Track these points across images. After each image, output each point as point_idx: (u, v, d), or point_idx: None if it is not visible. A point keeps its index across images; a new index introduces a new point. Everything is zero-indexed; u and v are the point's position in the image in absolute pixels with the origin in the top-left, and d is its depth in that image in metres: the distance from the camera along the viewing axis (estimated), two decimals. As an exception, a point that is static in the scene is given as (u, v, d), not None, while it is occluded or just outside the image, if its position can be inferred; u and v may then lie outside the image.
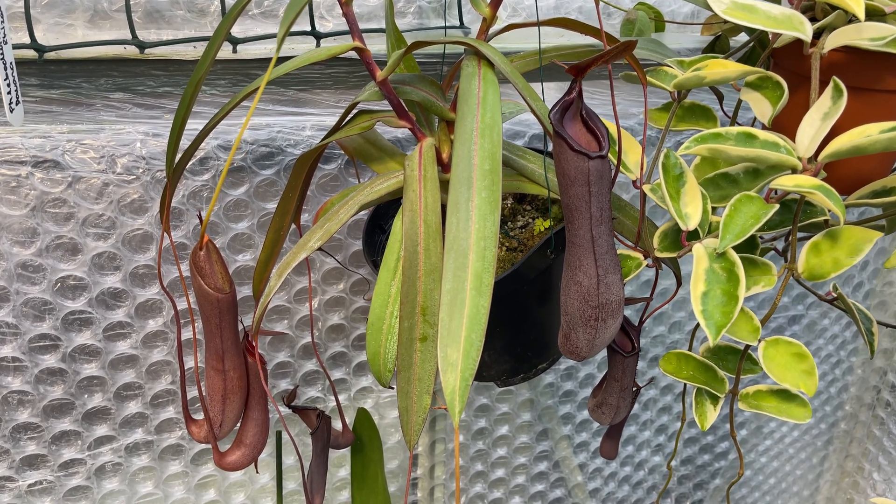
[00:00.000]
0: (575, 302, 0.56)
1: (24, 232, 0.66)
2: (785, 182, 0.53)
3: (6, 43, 0.55)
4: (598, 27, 0.56)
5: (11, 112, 0.56)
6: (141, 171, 0.68)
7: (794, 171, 0.55)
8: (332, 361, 0.88)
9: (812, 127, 0.55)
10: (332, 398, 0.90)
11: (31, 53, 0.60)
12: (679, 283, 0.66)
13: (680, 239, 0.57)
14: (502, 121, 0.70)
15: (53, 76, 0.64)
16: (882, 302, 1.28)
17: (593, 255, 0.54)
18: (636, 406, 1.14)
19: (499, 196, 0.50)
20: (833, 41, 0.55)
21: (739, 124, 0.77)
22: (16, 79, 0.55)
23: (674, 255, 0.60)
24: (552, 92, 0.84)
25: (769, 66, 0.68)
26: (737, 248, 0.55)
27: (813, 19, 0.61)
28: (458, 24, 0.75)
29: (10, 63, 0.55)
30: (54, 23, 0.62)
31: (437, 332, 0.55)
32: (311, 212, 0.79)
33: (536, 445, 1.07)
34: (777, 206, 0.53)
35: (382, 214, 0.77)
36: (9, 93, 0.55)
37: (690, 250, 0.55)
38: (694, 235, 0.56)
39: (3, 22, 0.54)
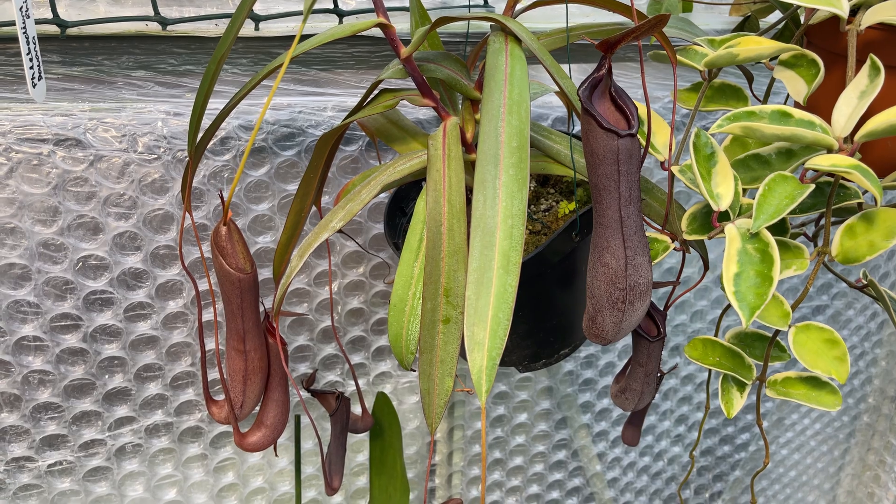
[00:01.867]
0: (602, 284, 0.55)
1: (45, 210, 0.66)
2: (821, 162, 0.52)
3: (28, 17, 0.54)
4: (629, 3, 0.55)
5: (34, 87, 0.55)
6: (162, 150, 0.68)
7: (830, 150, 0.54)
8: (352, 345, 0.88)
9: (848, 106, 0.54)
10: (352, 382, 0.90)
11: (53, 29, 0.59)
12: (706, 267, 0.65)
13: (710, 220, 0.56)
14: (529, 92, 0.69)
15: (75, 53, 0.64)
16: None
17: (622, 236, 0.53)
18: (655, 396, 1.12)
19: (527, 174, 0.49)
20: (870, 18, 0.54)
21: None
22: (38, 54, 0.55)
23: (703, 237, 0.58)
24: (577, 75, 0.83)
25: (803, 44, 0.66)
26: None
27: (850, -4, 0.59)
28: (481, 2, 0.74)
29: (33, 37, 0.54)
30: (76, -1, 0.62)
31: (460, 314, 0.54)
32: (331, 194, 0.79)
33: (555, 434, 1.07)
34: (812, 187, 0.52)
35: (403, 197, 0.77)
36: (31, 68, 0.55)
37: (722, 231, 0.54)
38: (724, 217, 0.55)
39: (25, -4, 0.53)
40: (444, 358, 0.56)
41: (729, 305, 0.57)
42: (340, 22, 0.70)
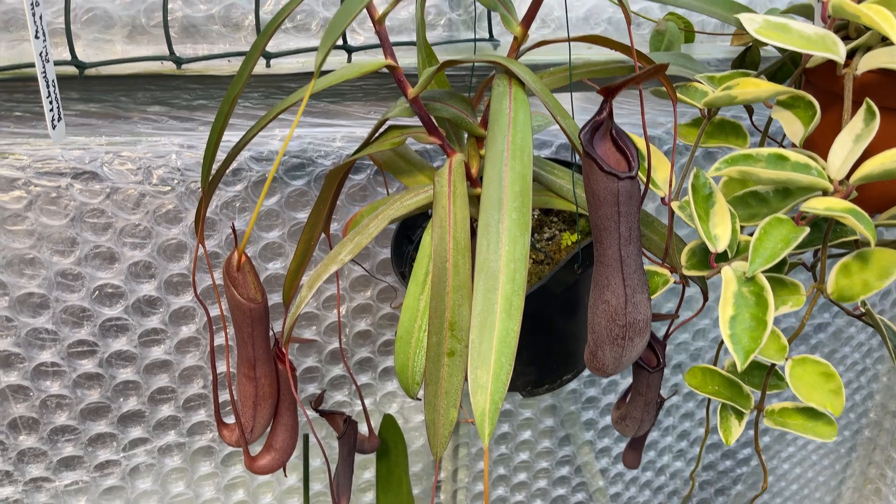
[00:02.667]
0: (602, 321, 0.57)
1: (63, 241, 0.68)
2: (816, 205, 0.53)
3: (48, 61, 0.56)
4: (629, 44, 0.57)
5: (54, 129, 0.57)
6: (176, 182, 0.70)
7: (826, 192, 0.55)
8: (359, 366, 0.89)
9: (844, 149, 0.55)
10: (359, 402, 0.92)
11: (72, 70, 0.61)
12: (706, 298, 0.66)
13: (708, 259, 0.58)
14: (532, 134, 0.71)
15: (94, 90, 0.66)
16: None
17: (621, 274, 0.55)
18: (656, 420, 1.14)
19: (528, 218, 0.51)
20: (867, 63, 0.55)
21: (771, 139, 0.76)
22: (58, 96, 0.57)
23: (702, 273, 0.60)
24: (579, 102, 0.85)
25: (801, 82, 0.67)
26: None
27: (846, 38, 0.60)
28: (487, 36, 0.75)
29: (53, 80, 0.56)
30: (94, 38, 0.64)
31: (464, 348, 0.56)
32: (340, 221, 0.80)
33: (558, 450, 1.08)
34: (807, 230, 0.54)
35: (410, 225, 0.78)
36: (51, 110, 0.57)
37: (719, 272, 0.56)
38: (723, 256, 0.56)
39: (45, 41, 0.55)
40: (448, 389, 0.57)
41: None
42: (349, 58, 0.71)
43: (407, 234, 0.78)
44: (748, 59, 0.83)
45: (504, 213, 0.50)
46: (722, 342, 0.74)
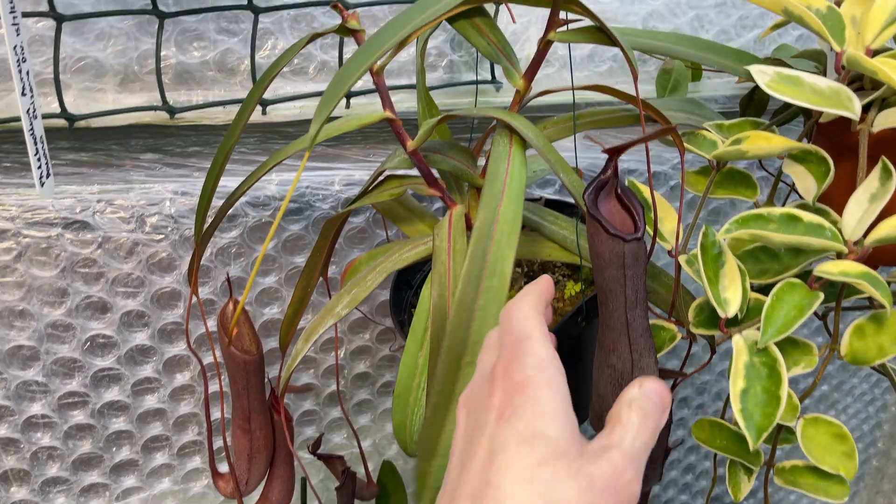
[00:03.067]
0: (608, 385, 0.55)
1: (54, 292, 0.67)
2: (830, 269, 0.51)
3: (36, 117, 0.54)
4: (635, 94, 0.55)
5: (42, 185, 0.56)
6: (169, 229, 0.68)
7: (840, 254, 0.53)
8: (358, 408, 0.88)
9: (859, 208, 0.53)
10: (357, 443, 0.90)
11: (61, 122, 0.60)
12: (712, 354, 0.64)
13: (717, 321, 0.56)
14: (533, 179, 0.69)
15: (84, 139, 0.64)
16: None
17: (628, 338, 0.53)
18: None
19: (505, 291, 0.48)
20: (883, 122, 0.53)
21: (785, 182, 0.74)
22: (46, 152, 0.55)
23: (711, 333, 0.58)
24: (582, 140, 0.83)
25: (812, 133, 0.65)
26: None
27: (861, 89, 0.58)
28: (489, 78, 0.74)
29: (41, 136, 0.55)
30: (84, 87, 0.62)
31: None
32: (339, 264, 0.79)
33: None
34: (822, 297, 0.51)
35: (410, 269, 0.77)
36: (39, 167, 0.55)
37: (729, 337, 0.54)
38: (732, 322, 0.54)
39: (32, 97, 0.54)
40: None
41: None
42: (348, 103, 0.70)
43: (406, 279, 0.76)
44: (756, 97, 0.81)
45: (481, 290, 0.48)
46: (728, 396, 0.72)
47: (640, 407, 0.40)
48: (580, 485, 0.34)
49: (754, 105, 0.82)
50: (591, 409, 0.58)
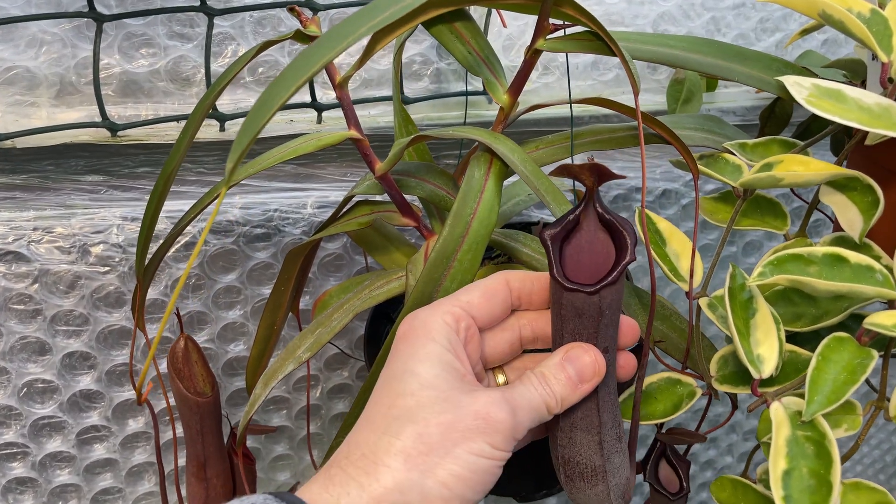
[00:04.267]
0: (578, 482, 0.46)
1: (-17, 333, 0.59)
2: (883, 321, 0.43)
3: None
4: (636, 109, 0.46)
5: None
6: (117, 260, 0.60)
7: (892, 302, 0.45)
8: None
9: (914, 248, 0.45)
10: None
11: (-17, 141, 0.52)
12: (735, 407, 0.56)
13: (750, 379, 0.47)
14: (520, 207, 0.61)
15: (16, 160, 0.56)
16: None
17: (599, 438, 0.44)
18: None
19: None
20: (944, 145, 0.45)
21: (822, 212, 0.65)
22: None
23: (741, 391, 0.50)
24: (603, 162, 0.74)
25: (848, 155, 0.57)
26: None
27: (911, 105, 0.50)
28: (481, 89, 0.65)
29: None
30: (14, 101, 0.54)
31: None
32: (313, 294, 0.70)
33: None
34: (876, 355, 0.43)
35: (391, 300, 0.68)
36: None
37: (765, 402, 0.45)
38: (767, 383, 0.46)
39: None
40: None
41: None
42: (319, 117, 0.61)
43: (386, 312, 0.68)
44: (778, 110, 0.73)
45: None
46: (754, 450, 0.63)
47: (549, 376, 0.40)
48: (442, 408, 0.35)
49: (776, 118, 0.74)
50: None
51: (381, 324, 0.67)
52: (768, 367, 0.45)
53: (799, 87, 0.48)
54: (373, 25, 0.35)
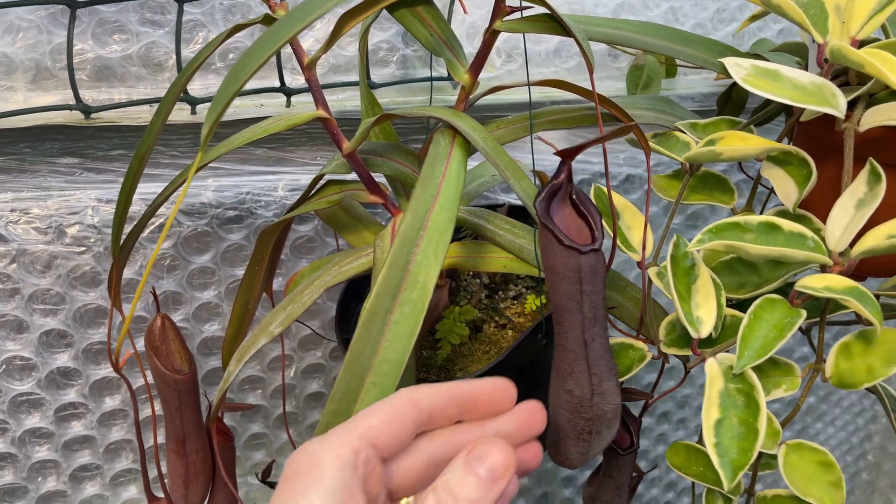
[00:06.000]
0: (566, 413, 0.49)
1: (-38, 311, 0.60)
2: (813, 284, 0.46)
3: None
4: (592, 89, 0.49)
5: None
6: (92, 240, 0.62)
7: (824, 266, 0.48)
8: (312, 429, 0.82)
9: (845, 216, 0.48)
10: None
11: (-41, 123, 0.54)
12: (686, 373, 0.59)
13: (691, 344, 0.50)
14: (487, 185, 0.63)
15: (-9, 142, 0.58)
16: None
17: (586, 360, 0.47)
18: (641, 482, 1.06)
19: (421, 315, 0.42)
20: (871, 119, 0.48)
21: (765, 187, 0.69)
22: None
23: (683, 353, 0.52)
24: (559, 142, 0.77)
25: (793, 133, 0.60)
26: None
27: (845, 84, 0.53)
28: (446, 74, 0.68)
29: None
30: (-10, 85, 0.56)
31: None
32: (286, 275, 0.73)
33: (536, 509, 1.00)
34: (804, 314, 0.46)
35: (363, 279, 0.71)
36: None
37: (703, 359, 0.48)
38: (706, 343, 0.49)
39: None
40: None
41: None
42: (288, 101, 0.64)
43: (357, 291, 0.70)
44: (734, 95, 0.76)
45: (397, 304, 0.42)
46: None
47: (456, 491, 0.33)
48: None
49: (733, 103, 0.77)
50: (548, 437, 0.52)
51: (353, 302, 0.70)
52: (706, 327, 0.47)
53: (738, 67, 0.50)
54: (338, 1, 0.37)
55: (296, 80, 0.64)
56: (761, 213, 0.51)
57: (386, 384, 0.40)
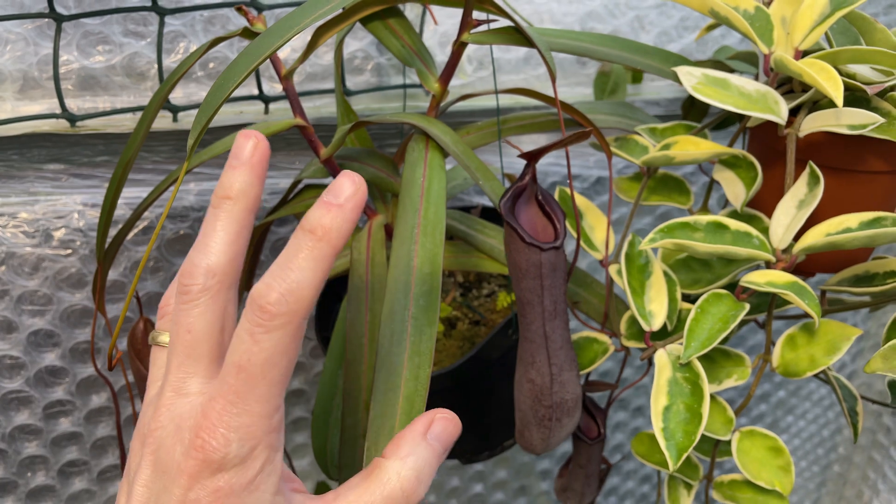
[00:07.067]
0: (528, 400, 0.52)
1: (-48, 312, 0.63)
2: (756, 279, 0.49)
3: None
4: (555, 96, 0.52)
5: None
6: (78, 243, 0.64)
7: (769, 263, 0.51)
8: (293, 426, 0.84)
9: (787, 215, 0.51)
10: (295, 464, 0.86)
11: (-51, 131, 0.56)
12: (649, 367, 0.62)
13: (644, 335, 0.53)
14: (461, 188, 0.66)
15: (-20, 149, 0.60)
16: (866, 383, 1.24)
17: (546, 351, 0.50)
18: (603, 486, 1.09)
19: (437, 304, 0.46)
20: (809, 125, 0.51)
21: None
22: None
23: (641, 345, 0.56)
24: (526, 146, 0.80)
25: (744, 137, 0.63)
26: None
27: (790, 92, 0.56)
28: (418, 82, 0.71)
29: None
30: (-21, 94, 0.58)
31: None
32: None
33: (513, 503, 1.03)
34: (747, 308, 0.49)
35: (341, 280, 0.73)
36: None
37: (655, 351, 0.51)
38: (662, 332, 0.52)
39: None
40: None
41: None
42: (267, 108, 0.66)
43: (336, 291, 0.73)
44: (697, 101, 0.79)
45: (411, 299, 0.45)
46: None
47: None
48: None
49: (696, 108, 0.80)
50: (515, 425, 0.55)
51: (331, 302, 0.72)
52: (658, 321, 0.51)
53: (689, 76, 0.54)
54: (315, 18, 0.39)
55: (273, 87, 0.66)
56: (711, 215, 0.54)
57: (421, 378, 0.43)
